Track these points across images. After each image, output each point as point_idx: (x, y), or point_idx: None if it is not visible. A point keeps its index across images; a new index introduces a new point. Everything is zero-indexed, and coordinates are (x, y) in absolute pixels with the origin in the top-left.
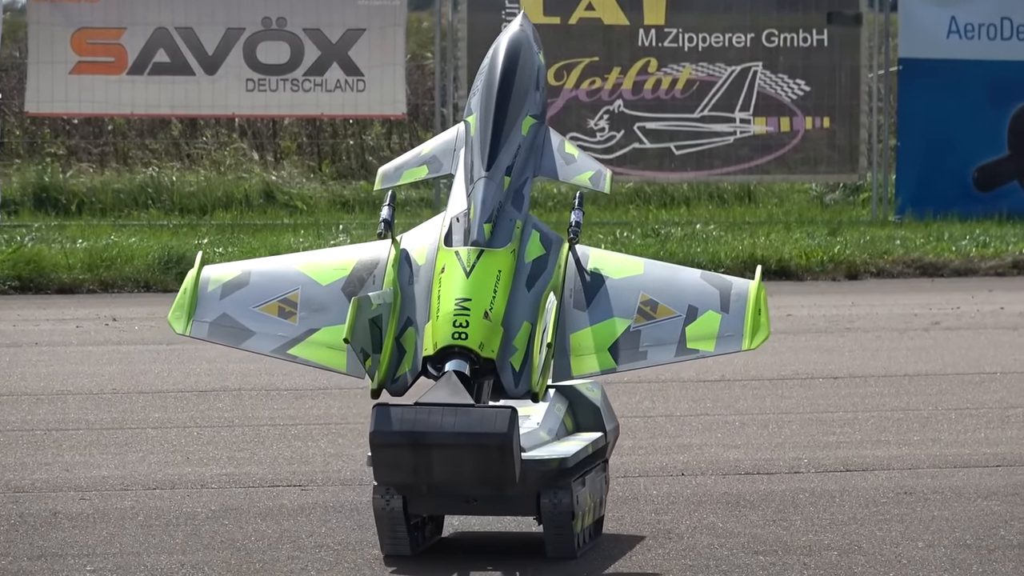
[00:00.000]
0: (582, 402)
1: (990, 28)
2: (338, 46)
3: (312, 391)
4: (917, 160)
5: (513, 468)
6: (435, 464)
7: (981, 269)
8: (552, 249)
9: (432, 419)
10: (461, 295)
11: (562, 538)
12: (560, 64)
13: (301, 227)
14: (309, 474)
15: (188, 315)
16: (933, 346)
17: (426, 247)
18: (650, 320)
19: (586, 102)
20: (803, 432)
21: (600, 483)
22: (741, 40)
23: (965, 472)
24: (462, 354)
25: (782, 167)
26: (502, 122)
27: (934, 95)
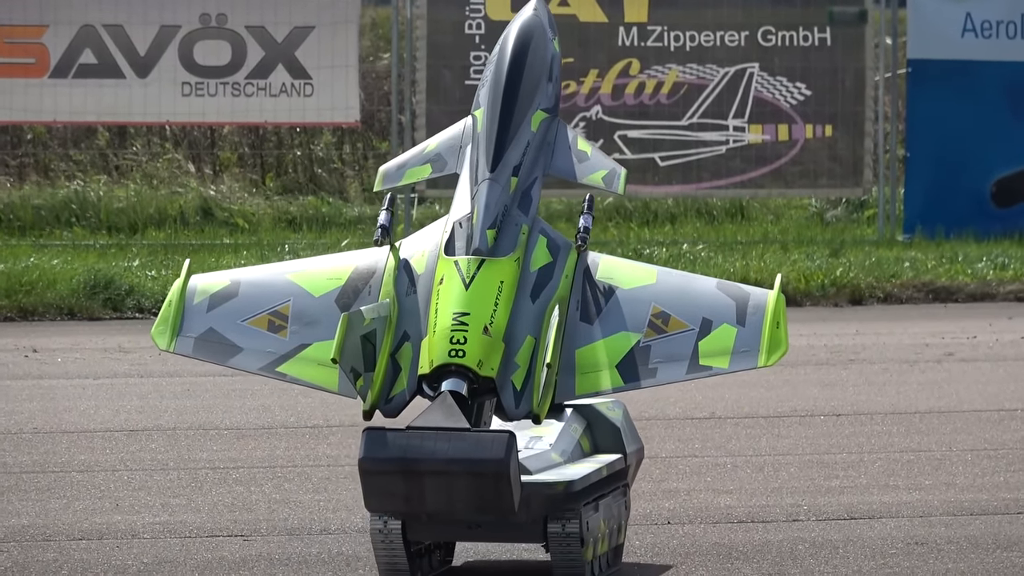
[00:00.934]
0: (601, 422)
1: (1010, 26)
2: (284, 46)
3: (255, 431)
4: (928, 173)
5: (511, 496)
6: (428, 492)
7: (1000, 294)
8: (559, 256)
9: (425, 444)
10: (459, 309)
11: (572, 566)
12: None
13: (243, 247)
14: (252, 523)
15: (173, 330)
16: (947, 380)
17: (426, 254)
18: (661, 334)
19: (560, 108)
20: (802, 476)
21: (618, 508)
22: (734, 39)
23: (983, 520)
24: (459, 373)
25: (779, 181)
26: (509, 118)
27: (947, 100)
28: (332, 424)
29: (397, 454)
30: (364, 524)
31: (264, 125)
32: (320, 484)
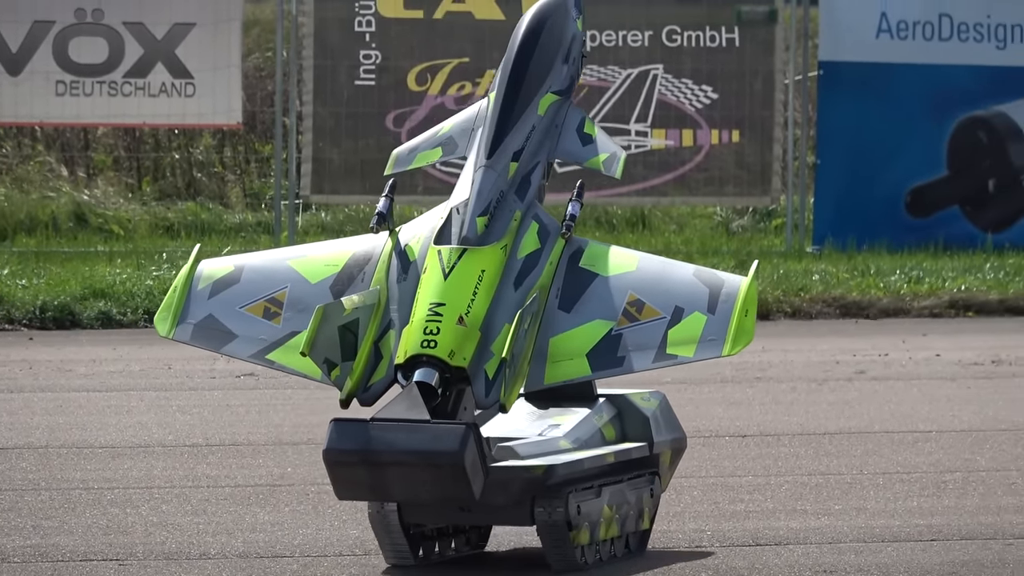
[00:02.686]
0: (631, 412)
1: (927, 27)
2: (164, 43)
3: (131, 449)
4: (839, 181)
5: (469, 485)
6: (391, 482)
7: (914, 309)
8: (547, 243)
9: (386, 436)
10: (436, 299)
11: (560, 549)
12: (424, 66)
13: (118, 255)
14: (128, 546)
15: (174, 317)
16: (857, 399)
17: (421, 240)
18: (634, 322)
19: (454, 110)
20: (706, 499)
21: (637, 495)
22: (637, 39)
23: (895, 547)
24: (431, 363)
25: (682, 188)
26: (512, 104)
27: (860, 105)
28: (212, 443)
29: (359, 446)
30: (244, 548)
31: (142, 127)
32: (199, 506)
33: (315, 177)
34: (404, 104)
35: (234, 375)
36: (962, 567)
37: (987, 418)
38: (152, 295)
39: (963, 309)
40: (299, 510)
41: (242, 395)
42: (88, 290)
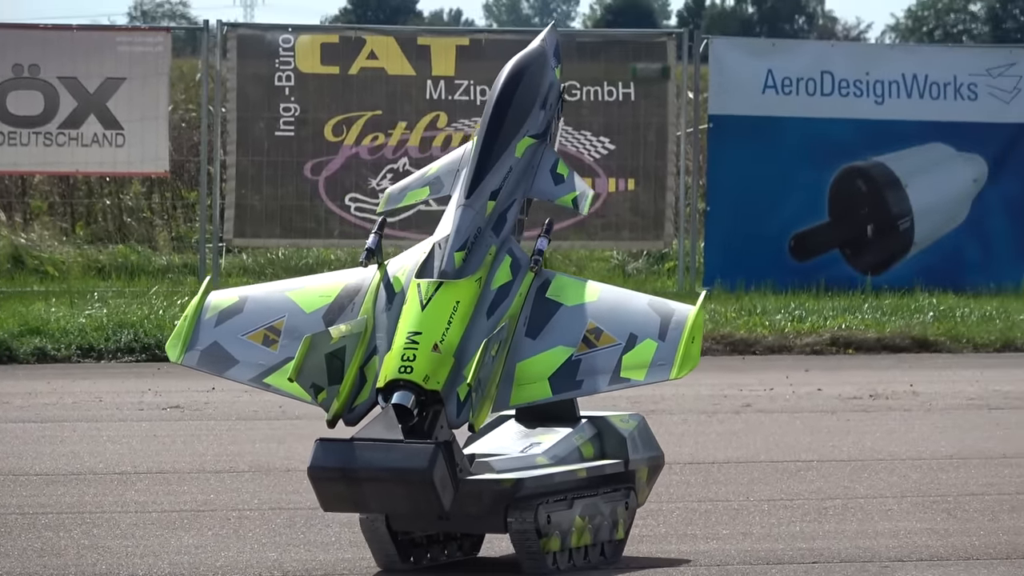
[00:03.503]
0: (610, 432)
1: (809, 83)
2: (96, 97)
3: (65, 476)
4: (728, 226)
5: (438, 500)
6: (368, 496)
7: (796, 346)
8: (519, 275)
9: (363, 455)
10: (413, 328)
11: (531, 555)
12: (340, 118)
13: (53, 295)
14: (61, 568)
15: (183, 343)
16: (744, 430)
17: (406, 272)
18: (592, 348)
19: (367, 159)
20: None
21: (610, 508)
22: None
23: (778, 569)
24: (407, 387)
25: (581, 233)
26: (491, 147)
27: (747, 155)
28: (140, 471)
29: (339, 464)
30: (170, 570)
31: (75, 174)
32: (128, 530)
33: (238, 222)
34: (321, 154)
35: (160, 407)
36: None
37: (865, 448)
38: (85, 332)
39: (843, 346)
40: (221, 534)
41: (168, 426)
42: (24, 327)
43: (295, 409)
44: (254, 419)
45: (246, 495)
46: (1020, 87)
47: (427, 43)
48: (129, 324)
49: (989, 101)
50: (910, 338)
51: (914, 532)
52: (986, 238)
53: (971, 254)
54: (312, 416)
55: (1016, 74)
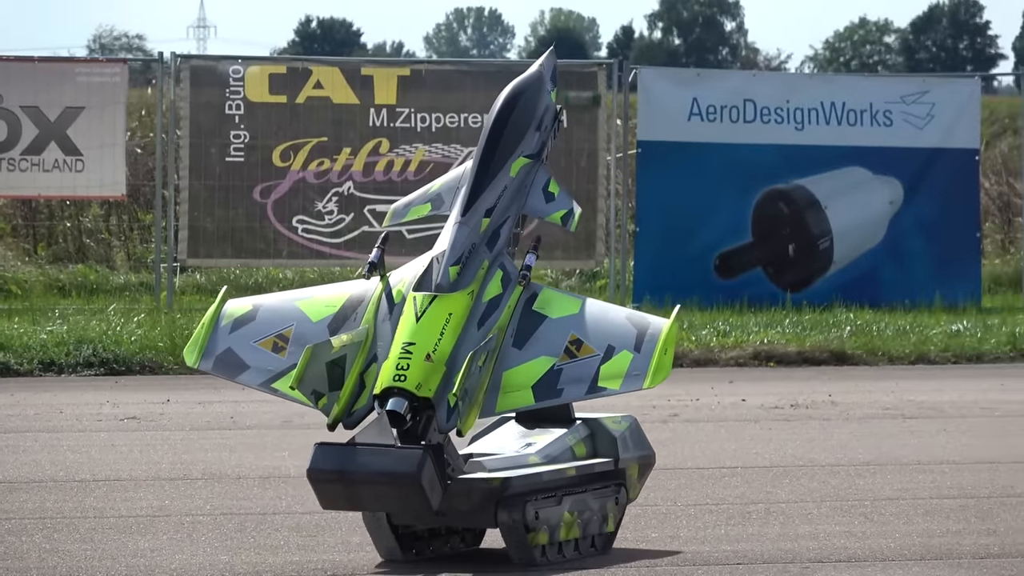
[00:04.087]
0: (602, 432)
1: (732, 110)
2: (56, 125)
3: (26, 483)
4: (656, 246)
5: (426, 500)
6: (363, 496)
7: (721, 359)
8: (508, 288)
9: (357, 459)
10: (408, 339)
11: (519, 546)
12: (287, 144)
13: (16, 312)
14: (23, 571)
15: (200, 349)
16: (672, 439)
17: (405, 284)
18: (573, 359)
19: (314, 183)
20: None
21: (600, 503)
22: (477, 120)
23: (704, 570)
24: (401, 394)
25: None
26: (487, 167)
27: (674, 178)
28: (98, 479)
29: (335, 466)
30: (127, 572)
31: (37, 198)
32: (87, 535)
33: (191, 243)
34: (270, 178)
35: (118, 419)
36: None
37: (786, 455)
38: (46, 347)
39: (765, 360)
40: (175, 538)
41: (125, 436)
42: None
43: (245, 420)
44: (207, 429)
45: (199, 501)
46: (933, 113)
47: (370, 73)
48: (88, 339)
49: (904, 127)
50: (829, 351)
51: (833, 535)
52: (902, 257)
53: (887, 272)
54: (260, 427)
55: (929, 101)
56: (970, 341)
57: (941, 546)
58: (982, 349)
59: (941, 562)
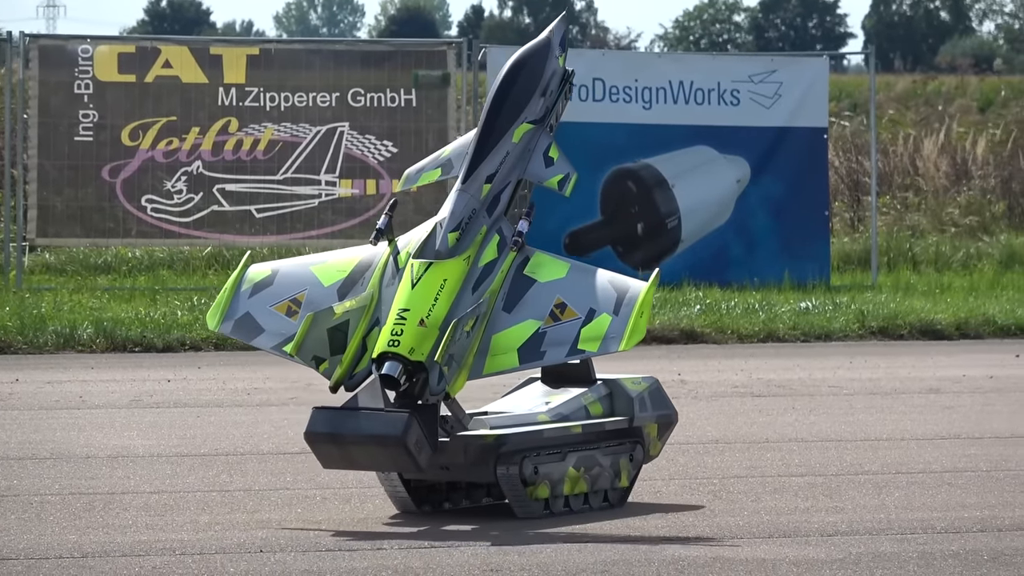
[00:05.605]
0: (620, 392)
1: (582, 89)
2: None
3: None
4: None
5: (414, 459)
6: (356, 456)
7: None
8: (503, 253)
9: (348, 422)
10: (403, 306)
11: (518, 499)
12: (136, 124)
13: None
14: None
15: (221, 313)
16: None
17: (410, 248)
18: (557, 322)
19: (163, 163)
20: (388, 507)
21: (611, 460)
22: (326, 100)
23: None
24: (395, 358)
25: (367, 231)
26: (489, 135)
27: None
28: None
29: (328, 429)
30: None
31: None
32: None
33: (40, 222)
34: (119, 158)
35: None
36: (613, 565)
37: None
38: None
39: None
40: (23, 518)
41: None
42: None
43: (94, 399)
44: (56, 408)
45: (47, 480)
46: (781, 93)
47: (219, 53)
48: None
49: (751, 106)
50: (678, 330)
51: (682, 512)
52: (750, 235)
53: (735, 251)
54: (108, 406)
55: (777, 80)
56: (819, 319)
57: (789, 524)
58: (831, 327)
59: (789, 539)
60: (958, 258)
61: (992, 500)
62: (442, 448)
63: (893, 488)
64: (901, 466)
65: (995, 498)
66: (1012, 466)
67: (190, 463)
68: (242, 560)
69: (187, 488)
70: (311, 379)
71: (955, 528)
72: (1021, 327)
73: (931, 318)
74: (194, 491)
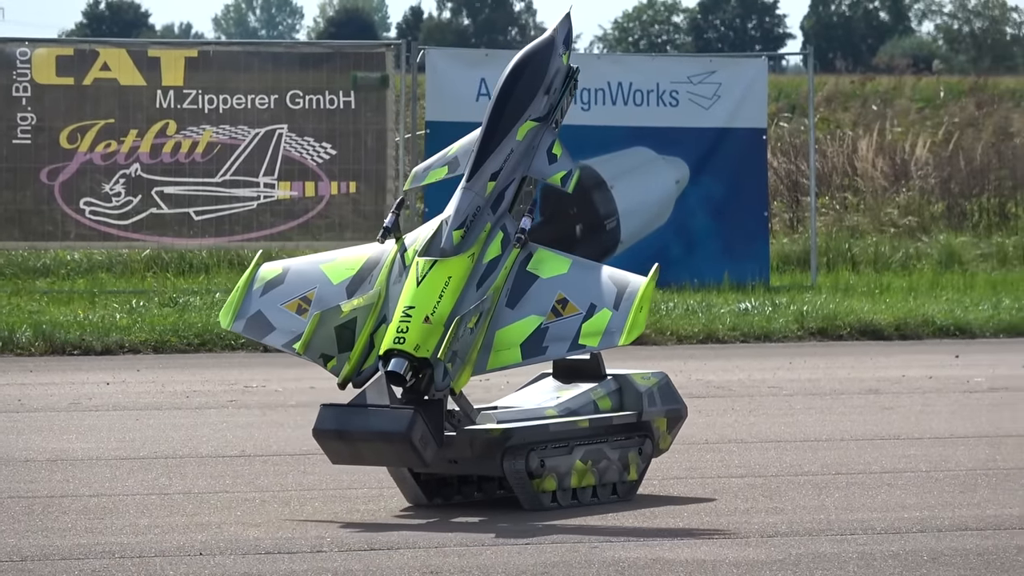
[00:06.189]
0: (629, 387)
1: None
2: None
3: None
4: None
5: (419, 455)
6: (363, 452)
7: None
8: (507, 249)
9: (355, 419)
10: (408, 303)
11: (525, 492)
12: (74, 127)
13: None
14: None
15: (234, 312)
16: None
17: (416, 245)
18: (558, 317)
19: (101, 165)
20: (326, 509)
21: (619, 454)
22: (264, 102)
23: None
24: (401, 354)
25: (306, 233)
26: (493, 133)
27: None
28: None
29: (335, 426)
30: None
31: None
32: None
33: None
34: (57, 160)
35: None
36: (553, 567)
37: None
38: None
39: None
40: None
41: None
42: None
43: (33, 402)
44: None
45: None
46: (719, 94)
47: (157, 55)
48: None
49: (690, 107)
50: None
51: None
52: (689, 236)
53: (675, 252)
54: (47, 409)
55: (716, 81)
56: (758, 320)
57: (729, 524)
58: (770, 328)
59: (729, 540)
60: (897, 259)
61: (931, 500)
62: (449, 442)
63: (833, 489)
64: (841, 467)
65: (934, 499)
66: (951, 466)
67: (129, 466)
68: (181, 563)
69: (126, 491)
70: (248, 381)
71: (895, 529)
72: (960, 328)
73: (870, 319)
74: (133, 494)
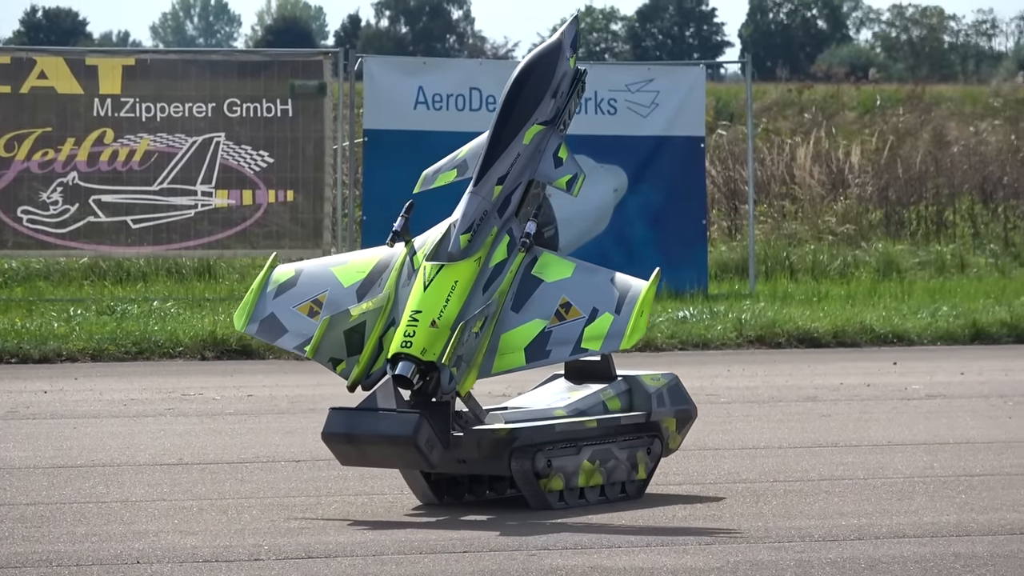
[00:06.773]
0: (638, 388)
1: (458, 99)
2: None
3: None
4: (383, 234)
5: (426, 457)
6: (370, 454)
7: None
8: (513, 254)
9: (363, 422)
10: (415, 307)
11: (532, 492)
12: (11, 135)
13: None
14: None
15: (247, 314)
16: None
17: (425, 249)
18: (562, 321)
19: (38, 174)
20: (264, 517)
21: (627, 454)
22: (202, 110)
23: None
24: (408, 358)
25: (244, 242)
26: (499, 138)
27: (401, 167)
28: None
29: (343, 430)
30: None
31: None
32: None
33: None
34: None
35: None
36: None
37: None
38: None
39: None
40: None
41: None
42: None
43: None
44: None
45: None
46: (657, 102)
47: (95, 63)
48: None
49: (628, 115)
50: None
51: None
52: (628, 245)
53: (614, 259)
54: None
55: (654, 89)
56: (696, 328)
57: (667, 532)
58: (708, 336)
59: (667, 548)
60: (835, 266)
61: (869, 508)
62: (457, 443)
63: (770, 496)
64: (778, 474)
65: (872, 506)
66: (889, 474)
67: (67, 474)
68: (119, 571)
69: (63, 500)
70: (185, 389)
71: (832, 536)
72: (898, 335)
73: (809, 326)
74: (70, 503)
